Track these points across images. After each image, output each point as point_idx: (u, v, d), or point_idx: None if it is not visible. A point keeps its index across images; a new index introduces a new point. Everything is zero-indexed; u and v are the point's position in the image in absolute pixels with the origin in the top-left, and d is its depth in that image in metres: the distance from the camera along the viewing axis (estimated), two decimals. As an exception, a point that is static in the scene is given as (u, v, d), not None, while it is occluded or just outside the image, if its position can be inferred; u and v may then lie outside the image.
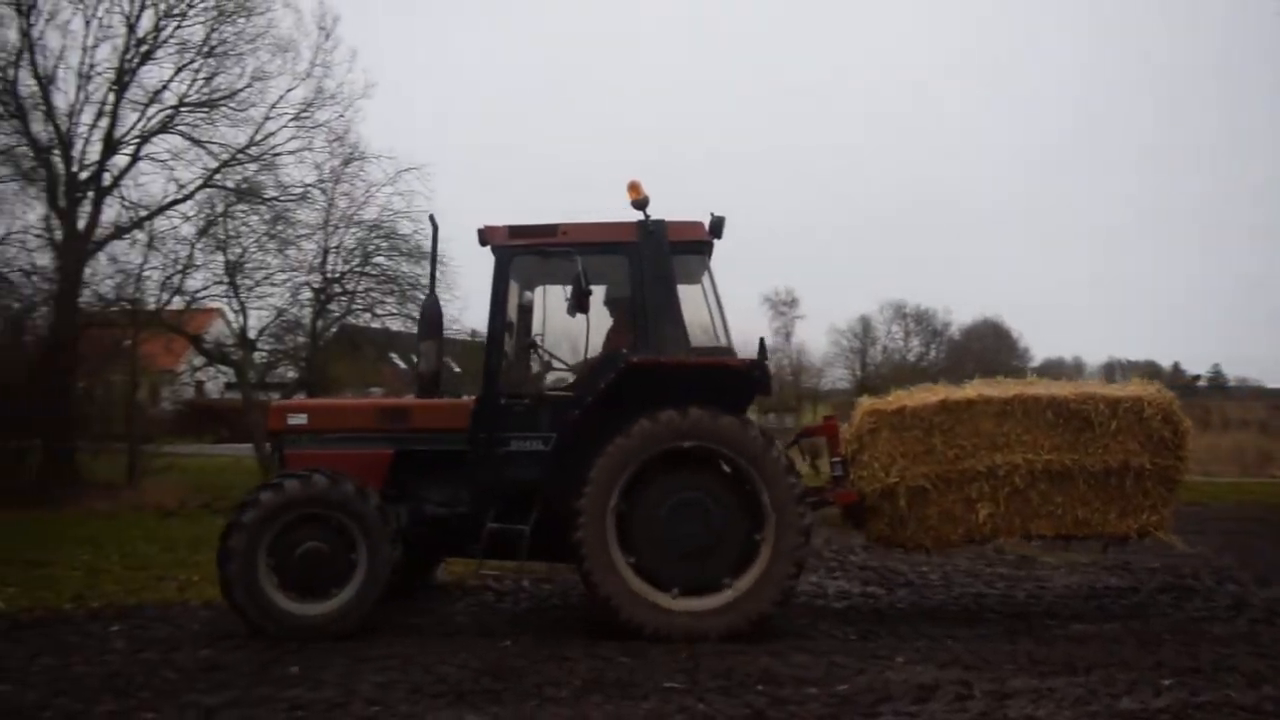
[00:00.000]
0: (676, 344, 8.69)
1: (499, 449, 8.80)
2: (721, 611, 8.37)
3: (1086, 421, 9.07)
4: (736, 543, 8.50)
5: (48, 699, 6.78)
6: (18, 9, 23.15)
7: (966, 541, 9.42)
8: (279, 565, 8.42)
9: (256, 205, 25.53)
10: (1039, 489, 9.06)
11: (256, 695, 6.87)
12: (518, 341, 9.17)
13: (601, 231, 9.08)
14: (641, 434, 8.36)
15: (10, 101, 22.95)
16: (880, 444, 9.21)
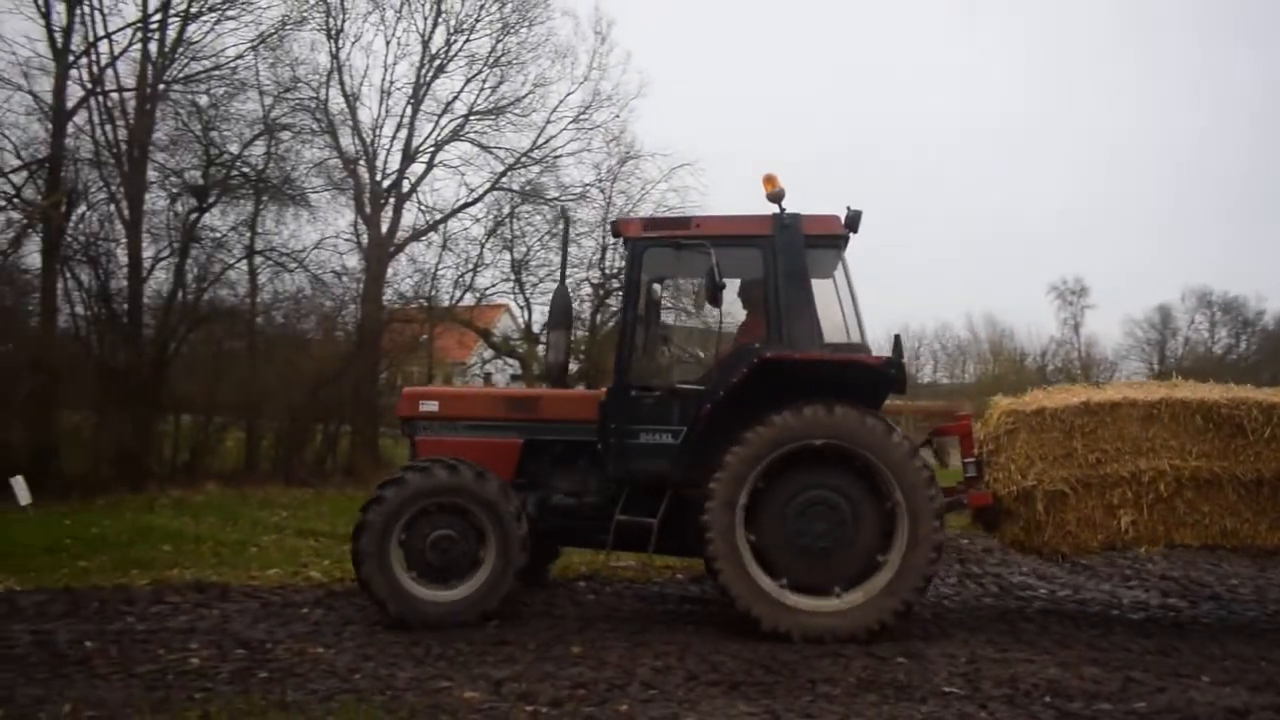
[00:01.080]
0: (809, 339, 8.55)
1: (628, 441, 8.76)
2: (844, 614, 8.21)
3: (1238, 427, 8.54)
4: (862, 550, 8.32)
5: (358, 663, 7.41)
6: (328, 34, 25.37)
7: (1106, 549, 9.05)
8: (411, 552, 8.54)
9: (539, 205, 26.74)
10: (1185, 497, 8.59)
11: (540, 671, 7.20)
12: (649, 334, 9.10)
13: (735, 225, 9.06)
14: (783, 427, 8.22)
15: (322, 119, 25.19)
16: (1018, 445, 8.85)
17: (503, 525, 8.48)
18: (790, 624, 8.15)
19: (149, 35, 22.45)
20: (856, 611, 8.19)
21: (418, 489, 8.50)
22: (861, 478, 8.34)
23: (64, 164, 21.54)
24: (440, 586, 8.56)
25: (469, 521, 8.55)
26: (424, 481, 8.52)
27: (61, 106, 21.60)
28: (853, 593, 8.26)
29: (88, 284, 22.25)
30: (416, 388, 10.06)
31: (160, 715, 6.10)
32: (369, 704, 6.37)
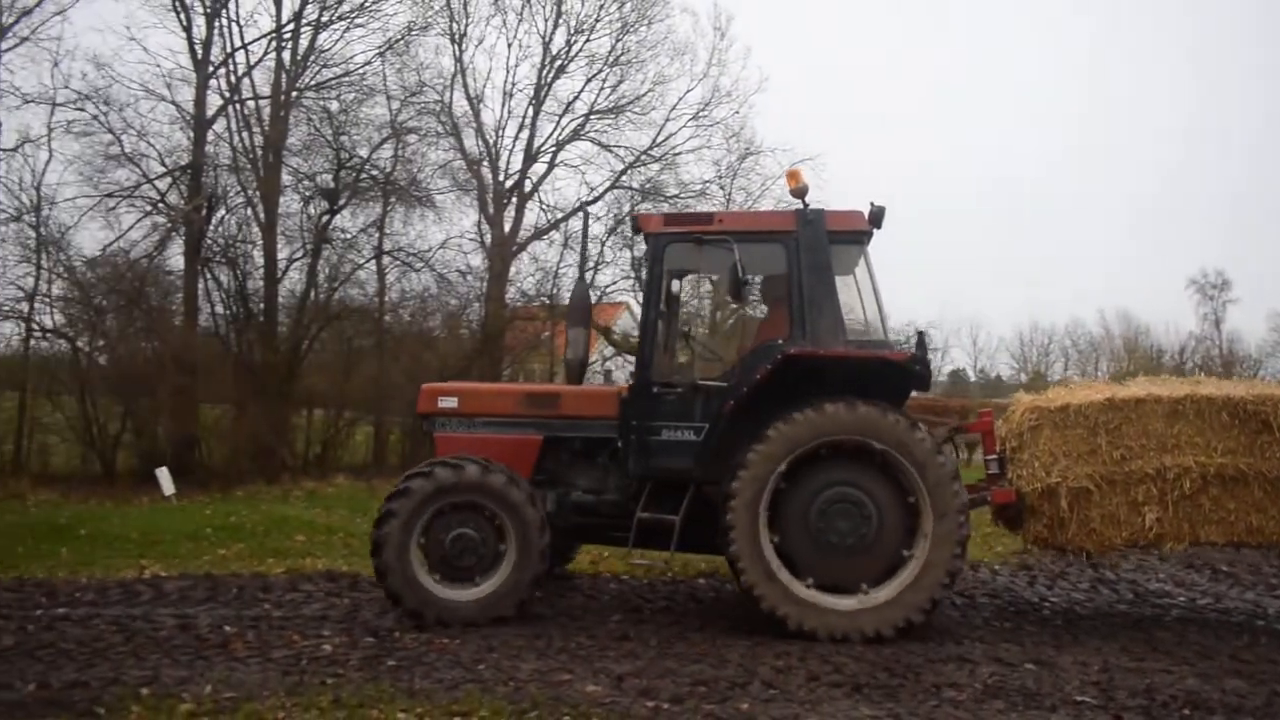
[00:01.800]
0: (833, 335, 8.43)
1: (650, 438, 8.66)
2: (868, 613, 8.09)
3: (1264, 424, 8.42)
4: (887, 547, 8.21)
5: (482, 653, 7.56)
6: (452, 39, 25.90)
7: (1130, 546, 8.88)
8: (430, 552, 8.48)
9: (660, 203, 26.79)
10: (1210, 494, 8.47)
11: (661, 667, 7.22)
12: (671, 330, 8.98)
13: (758, 220, 9.01)
14: (806, 424, 8.12)
15: (447, 121, 25.73)
16: (1041, 442, 8.70)
17: (523, 524, 8.40)
18: (816, 623, 8.07)
19: (282, 45, 23.31)
20: (883, 610, 8.10)
21: (437, 487, 8.43)
22: (885, 474, 8.25)
23: (204, 170, 22.51)
24: (460, 585, 8.48)
25: (489, 520, 8.48)
26: (444, 480, 8.44)
27: (202, 115, 22.59)
28: (878, 591, 8.16)
29: (226, 284, 23.25)
30: (436, 384, 10.02)
31: (294, 698, 6.31)
32: (492, 694, 6.48)
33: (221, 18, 22.74)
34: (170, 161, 22.75)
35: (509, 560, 8.43)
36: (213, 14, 22.65)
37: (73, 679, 6.72)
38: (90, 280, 21.88)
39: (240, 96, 23.09)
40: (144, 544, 12.21)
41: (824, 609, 8.10)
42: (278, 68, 23.33)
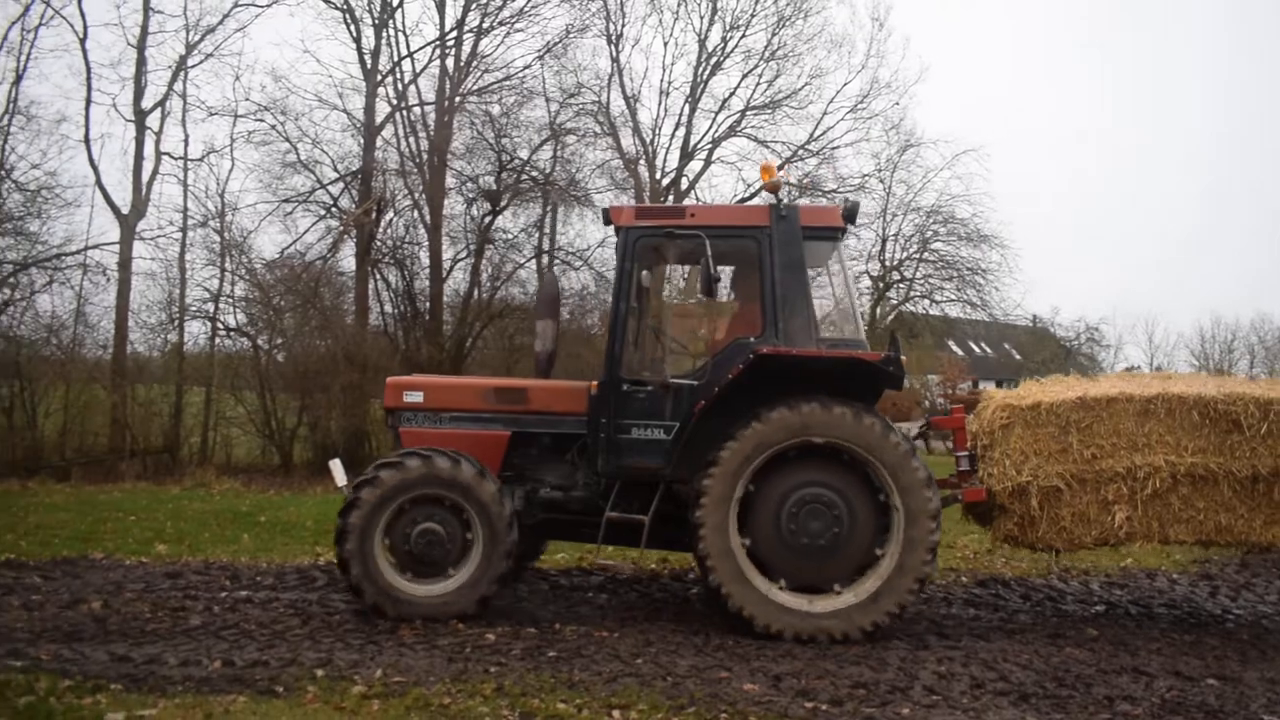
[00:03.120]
0: (805, 333, 8.23)
1: (619, 436, 8.45)
2: (837, 615, 7.93)
3: (1235, 423, 8.36)
4: (859, 546, 8.05)
5: (640, 648, 7.61)
6: (608, 40, 26.23)
7: (1099, 545, 8.76)
8: (395, 545, 8.34)
9: (817, 198, 26.52)
10: (1180, 493, 8.45)
11: (820, 668, 7.12)
12: (641, 326, 8.76)
13: (731, 215, 8.76)
14: (779, 423, 7.94)
15: (604, 121, 26.07)
16: (1013, 440, 8.58)
17: (491, 521, 8.27)
18: (783, 624, 7.91)
19: (446, 52, 24.09)
20: (850, 613, 7.95)
21: (405, 479, 8.30)
22: (856, 475, 8.09)
23: (374, 175, 23.43)
24: (424, 580, 8.36)
25: (456, 515, 8.35)
26: (413, 471, 8.31)
27: (371, 122, 23.54)
28: (847, 593, 8.02)
29: (394, 284, 24.18)
30: (401, 377, 9.86)
31: (459, 685, 6.50)
32: (650, 689, 6.52)
33: (389, 28, 23.69)
34: (342, 167, 23.84)
35: (475, 556, 8.32)
36: (381, 25, 23.58)
37: (254, 658, 7.08)
38: (269, 282, 23.10)
39: (407, 103, 23.97)
40: (318, 532, 12.78)
41: (792, 610, 7.97)
42: (441, 74, 24.13)
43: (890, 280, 27.35)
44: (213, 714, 5.70)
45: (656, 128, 26.87)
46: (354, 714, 5.85)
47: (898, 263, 27.44)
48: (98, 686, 6.26)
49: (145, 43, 23.11)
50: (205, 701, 5.97)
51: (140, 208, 22.90)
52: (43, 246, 22.26)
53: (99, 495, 16.95)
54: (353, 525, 8.22)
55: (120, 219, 22.70)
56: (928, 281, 27.54)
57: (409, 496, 8.30)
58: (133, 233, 22.81)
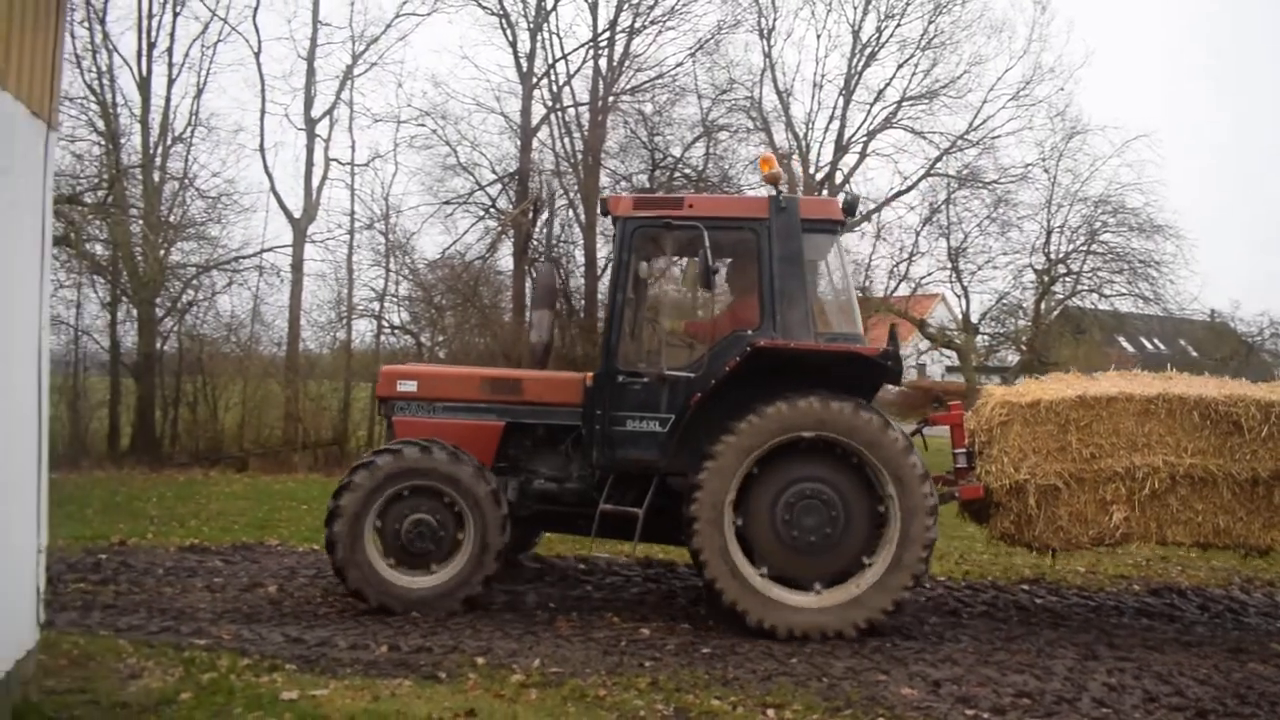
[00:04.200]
0: (803, 326, 8.11)
1: (614, 428, 8.30)
2: (830, 611, 7.85)
3: (1235, 425, 8.23)
4: (854, 543, 7.95)
5: (795, 647, 7.54)
6: (760, 34, 26.07)
7: (1096, 545, 8.65)
8: (386, 533, 8.24)
9: (978, 189, 25.76)
10: (1179, 494, 8.33)
11: (981, 675, 6.92)
12: (638, 317, 8.61)
13: (730, 206, 8.68)
14: (777, 418, 7.82)
15: (757, 117, 25.93)
16: (1011, 438, 8.47)
17: (484, 520, 8.17)
18: (777, 619, 7.80)
19: (599, 53, 24.33)
20: (845, 609, 7.86)
21: (392, 471, 8.22)
22: (852, 471, 7.99)
23: (530, 176, 23.91)
24: (411, 572, 8.28)
25: (449, 509, 8.26)
26: (410, 460, 8.23)
27: (527, 124, 24.01)
28: (839, 590, 7.92)
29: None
30: (395, 366, 9.73)
31: (614, 678, 6.57)
32: (805, 689, 6.45)
33: (543, 31, 24.07)
34: (500, 169, 24.38)
35: (465, 553, 8.25)
36: (535, 28, 24.01)
37: (418, 644, 7.34)
38: (431, 281, 23.83)
39: (561, 104, 24.34)
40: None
41: (786, 605, 7.87)
42: (595, 75, 24.40)
43: (1056, 274, 26.33)
44: (379, 696, 5.92)
45: (810, 122, 26.59)
46: (513, 702, 5.98)
47: (1064, 255, 26.40)
48: (274, 666, 6.59)
49: (314, 54, 24.14)
50: (373, 684, 6.20)
51: (311, 212, 23.96)
52: (222, 250, 23.55)
53: (274, 485, 17.84)
54: (344, 507, 8.17)
55: (292, 223, 23.81)
56: (1096, 275, 26.41)
57: (403, 485, 8.22)
58: (304, 236, 23.89)
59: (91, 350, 23.32)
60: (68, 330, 21.81)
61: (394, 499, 8.25)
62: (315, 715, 5.37)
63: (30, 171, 5.17)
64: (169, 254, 22.48)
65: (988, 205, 25.89)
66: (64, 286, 21.06)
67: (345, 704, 5.66)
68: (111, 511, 13.83)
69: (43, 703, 5.38)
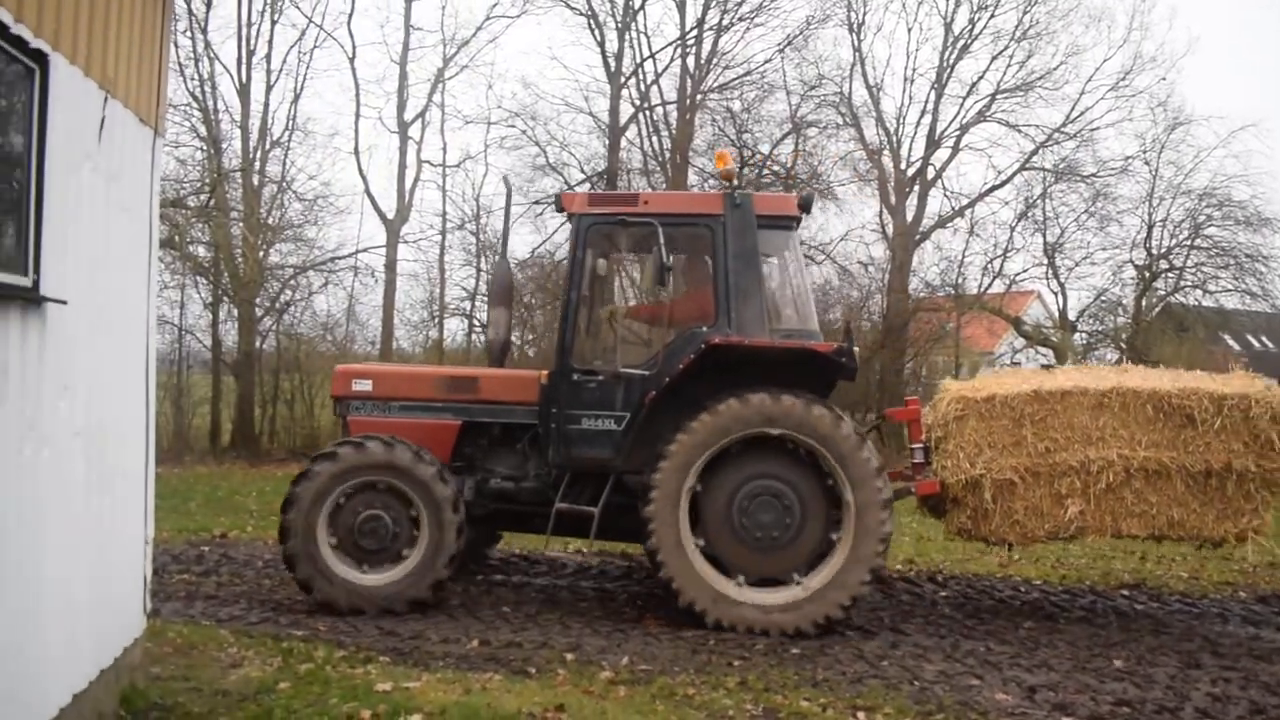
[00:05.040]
0: (758, 323, 8.10)
1: (570, 426, 8.27)
2: (788, 608, 7.81)
3: (1188, 418, 8.33)
4: (812, 538, 7.96)
5: (886, 650, 7.46)
6: (850, 28, 25.77)
7: (1052, 538, 8.78)
8: (340, 531, 8.10)
9: (1075, 183, 25.11)
10: (1133, 487, 8.39)
11: (1079, 682, 6.75)
12: (594, 314, 8.58)
13: (685, 202, 8.70)
14: (730, 415, 7.82)
15: (846, 112, 25.63)
16: (967, 433, 8.49)
17: (434, 502, 8.03)
18: (736, 617, 7.81)
19: (687, 51, 24.35)
20: (802, 606, 7.82)
21: (342, 468, 8.09)
22: (808, 467, 7.97)
23: (618, 175, 24.01)
24: (372, 569, 8.14)
25: (400, 500, 8.13)
26: (348, 459, 8.10)
27: (615, 124, 24.13)
28: (799, 586, 7.89)
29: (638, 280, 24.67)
30: (351, 365, 9.62)
31: (703, 677, 6.56)
32: (896, 692, 6.37)
33: (631, 31, 24.17)
34: (589, 169, 24.54)
35: (417, 555, 8.11)
36: (624, 28, 24.11)
37: (508, 639, 7.43)
38: (520, 280, 24.09)
39: (649, 103, 24.41)
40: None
41: (744, 604, 7.85)
42: (683, 73, 24.41)
43: (1158, 270, 25.53)
44: (470, 689, 6.00)
45: (901, 116, 26.18)
46: (602, 699, 6.01)
47: (1166, 250, 25.58)
48: (368, 658, 6.73)
49: (406, 58, 24.66)
50: (464, 677, 6.29)
51: (404, 213, 24.44)
52: (318, 251, 24.18)
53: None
54: (300, 496, 8.07)
55: (386, 224, 24.31)
56: (1200, 270, 25.54)
57: (349, 485, 8.11)
58: (397, 236, 24.38)
59: (194, 349, 24.11)
60: (172, 329, 22.59)
61: (354, 492, 8.16)
62: (408, 707, 5.46)
63: (138, 177, 5.36)
64: (268, 255, 23.15)
65: (1085, 199, 25.23)
66: (168, 287, 21.84)
67: (437, 696, 5.75)
68: (213, 505, 14.29)
69: (149, 688, 5.57)
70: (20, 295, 3.92)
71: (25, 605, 4.02)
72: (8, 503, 3.85)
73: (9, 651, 3.88)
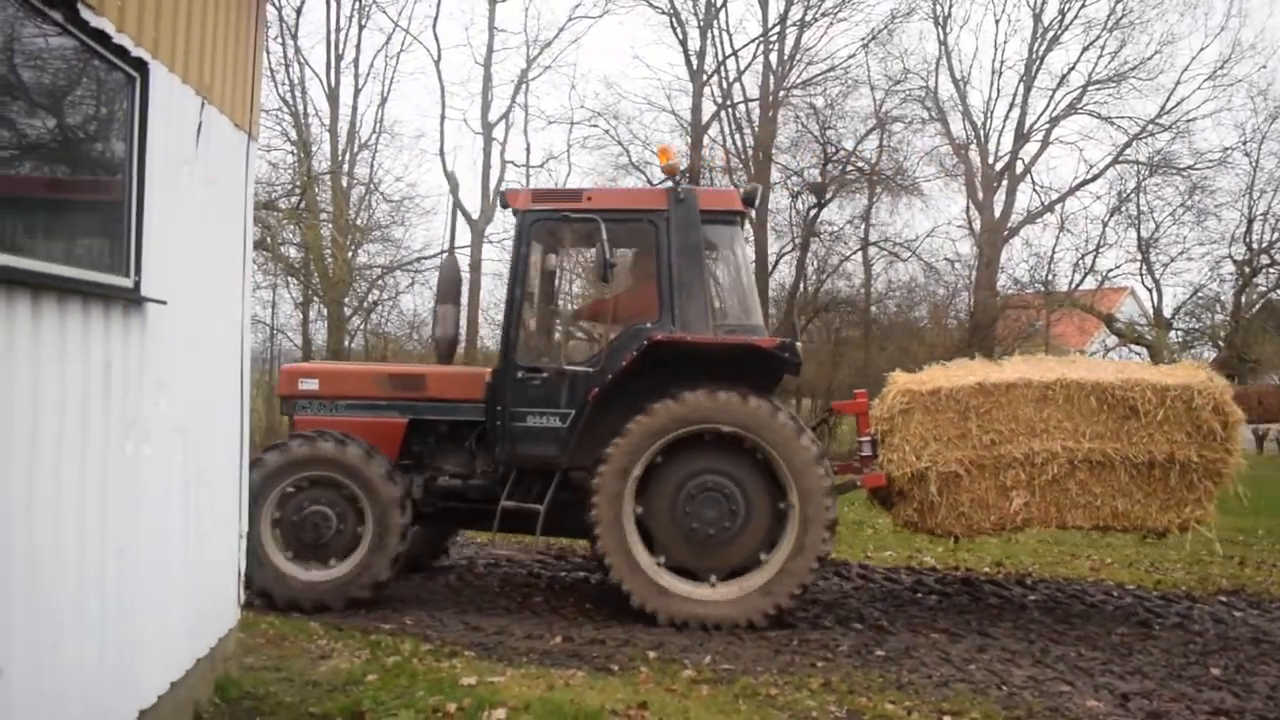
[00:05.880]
0: (701, 319, 8.09)
1: (515, 424, 8.24)
2: (737, 601, 7.84)
3: (1132, 409, 8.36)
4: (758, 531, 8.00)
5: (973, 653, 7.32)
6: (935, 22, 25.41)
7: (998, 530, 8.76)
8: (284, 525, 8.04)
9: (1171, 176, 24.40)
10: (1077, 478, 8.43)
11: (1174, 690, 6.56)
12: (538, 311, 8.62)
13: (629, 198, 8.69)
14: (666, 415, 7.85)
15: (932, 107, 25.28)
16: (912, 426, 8.52)
17: (380, 501, 8.00)
18: (686, 614, 7.83)
19: (769, 48, 24.23)
20: (728, 605, 7.85)
21: (289, 460, 8.06)
22: (751, 461, 7.99)
23: (701, 173, 23.98)
24: (315, 565, 8.07)
25: (345, 498, 8.08)
26: (311, 450, 8.08)
27: (698, 122, 24.12)
28: (746, 579, 7.93)
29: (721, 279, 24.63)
30: (296, 364, 9.47)
31: (786, 677, 6.52)
32: (984, 697, 6.25)
33: (713, 28, 24.14)
34: (670, 167, 24.56)
35: (358, 554, 8.06)
36: (705, 26, 24.08)
37: (591, 636, 7.48)
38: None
39: (732, 101, 24.35)
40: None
41: (693, 600, 7.88)
42: (765, 70, 24.30)
43: (1258, 265, 24.66)
44: (554, 685, 6.05)
45: (988, 110, 25.76)
46: (684, 697, 6.01)
47: (1268, 245, 24.69)
48: (453, 652, 6.84)
49: (490, 60, 24.97)
50: (547, 673, 6.35)
51: (488, 213, 24.72)
52: (405, 251, 24.64)
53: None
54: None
55: (471, 224, 24.62)
56: (1308, 266, 24.65)
57: (295, 479, 8.11)
58: (482, 236, 24.68)
59: (286, 348, 24.71)
60: (264, 329, 23.20)
61: (303, 487, 8.17)
62: (492, 701, 5.52)
63: (234, 180, 5.51)
64: (356, 256, 23.64)
65: (1182, 193, 24.51)
66: (261, 288, 22.42)
67: (521, 691, 5.81)
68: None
69: (242, 678, 5.73)
70: (122, 296, 4.06)
71: (126, 595, 4.16)
72: (111, 496, 3.99)
73: (112, 640, 4.02)
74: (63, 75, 3.80)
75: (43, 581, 3.50)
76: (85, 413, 3.78)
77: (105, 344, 3.93)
